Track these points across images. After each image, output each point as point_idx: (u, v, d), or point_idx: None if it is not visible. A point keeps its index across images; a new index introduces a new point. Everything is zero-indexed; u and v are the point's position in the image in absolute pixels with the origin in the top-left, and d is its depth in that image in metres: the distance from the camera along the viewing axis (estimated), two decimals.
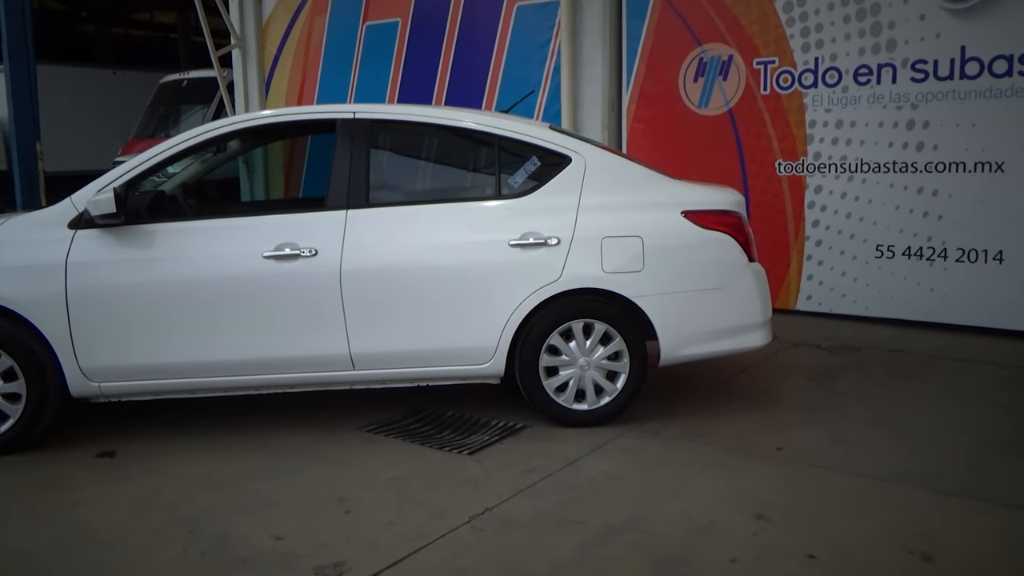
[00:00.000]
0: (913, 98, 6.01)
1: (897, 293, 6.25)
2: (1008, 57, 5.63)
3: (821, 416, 4.32)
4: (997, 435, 4.01)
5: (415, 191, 4.64)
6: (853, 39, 6.19)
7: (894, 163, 6.15)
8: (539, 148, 4.22)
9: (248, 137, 5.10)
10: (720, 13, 6.75)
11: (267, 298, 3.99)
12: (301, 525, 3.21)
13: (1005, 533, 3.03)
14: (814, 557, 2.88)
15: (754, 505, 3.28)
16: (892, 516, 3.17)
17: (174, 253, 4.00)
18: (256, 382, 4.11)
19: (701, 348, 4.21)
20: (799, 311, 6.66)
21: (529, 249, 4.05)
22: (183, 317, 3.97)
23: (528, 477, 3.60)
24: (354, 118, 4.21)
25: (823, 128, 6.41)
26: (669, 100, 7.09)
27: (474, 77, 8.05)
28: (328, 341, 4.02)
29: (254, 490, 3.55)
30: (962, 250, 5.96)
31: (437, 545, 3.02)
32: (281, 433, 4.20)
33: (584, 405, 4.18)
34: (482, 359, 4.10)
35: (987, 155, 5.79)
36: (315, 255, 3.98)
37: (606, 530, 3.11)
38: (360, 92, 8.82)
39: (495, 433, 4.15)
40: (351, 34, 8.84)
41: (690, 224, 4.11)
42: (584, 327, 4.12)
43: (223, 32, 9.81)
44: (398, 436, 4.15)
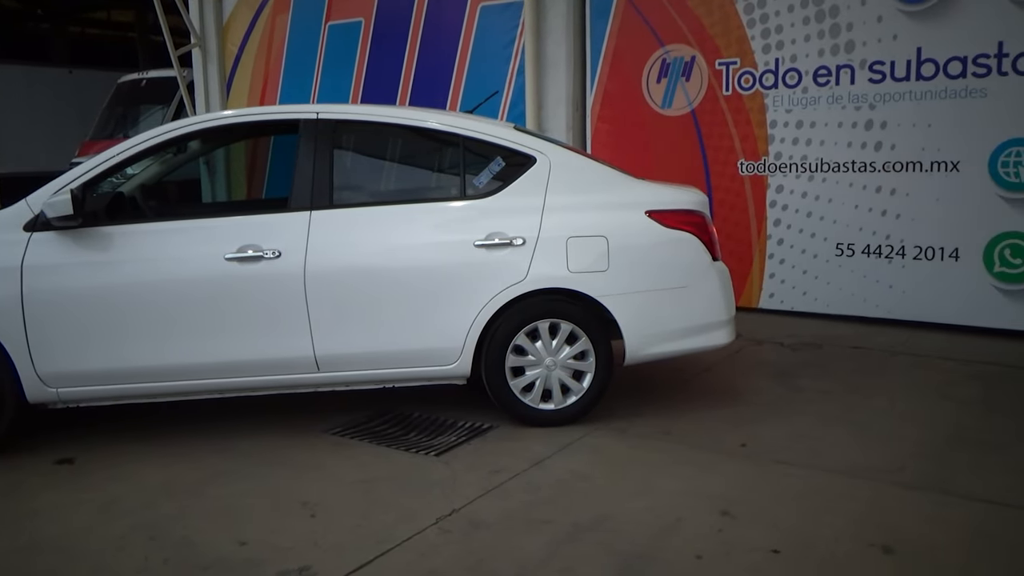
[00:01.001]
0: (871, 99, 6.12)
1: (857, 291, 6.35)
2: (962, 59, 5.75)
3: (784, 413, 4.38)
4: (957, 429, 4.09)
5: (380, 192, 4.61)
6: (812, 40, 6.28)
7: (853, 163, 6.25)
8: (504, 148, 4.22)
9: (209, 138, 5.04)
10: (682, 14, 6.81)
11: (229, 300, 3.94)
12: (265, 530, 3.17)
13: (965, 524, 3.09)
14: (778, 552, 2.91)
15: (719, 501, 3.31)
16: (854, 510, 3.22)
17: (133, 255, 3.94)
18: (219, 386, 4.05)
19: (666, 347, 4.24)
20: (762, 309, 6.74)
21: (494, 249, 4.05)
22: (143, 321, 3.90)
23: (495, 477, 3.59)
24: (317, 118, 4.17)
25: (784, 128, 6.49)
26: (633, 100, 7.13)
27: (438, 77, 8.03)
28: (292, 343, 3.98)
29: (217, 495, 3.50)
30: (919, 248, 6.08)
31: (404, 547, 3.01)
32: (244, 437, 4.15)
33: (550, 405, 4.19)
34: (448, 360, 4.09)
35: (943, 155, 5.91)
36: (278, 257, 3.94)
37: (573, 529, 3.11)
38: (323, 92, 8.75)
39: (462, 434, 4.14)
40: (314, 34, 8.77)
41: (654, 224, 4.14)
42: (550, 327, 4.13)
43: (182, 31, 9.67)
44: (364, 438, 4.12)
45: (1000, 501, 3.27)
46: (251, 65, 9.28)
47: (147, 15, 19.14)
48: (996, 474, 3.53)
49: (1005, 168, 5.69)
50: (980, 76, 5.70)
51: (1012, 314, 5.80)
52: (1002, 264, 5.79)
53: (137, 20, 21.45)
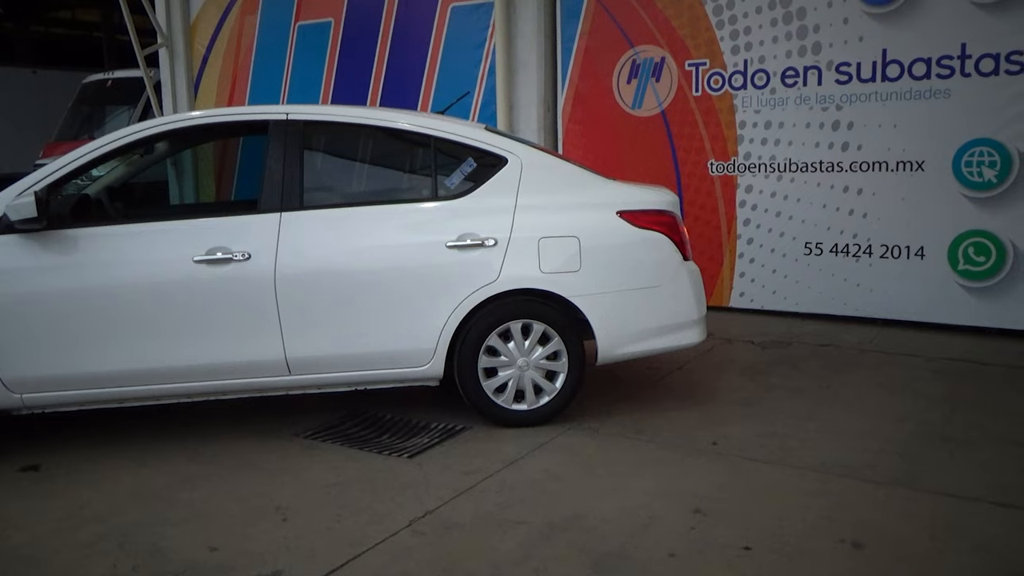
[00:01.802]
0: (838, 99, 6.20)
1: (826, 289, 6.43)
2: (926, 60, 5.84)
3: (755, 410, 4.42)
4: (924, 425, 4.16)
5: (351, 193, 4.58)
6: (780, 42, 6.35)
7: (821, 163, 6.32)
8: (475, 149, 4.22)
9: (177, 139, 4.96)
10: (652, 16, 6.85)
11: (198, 303, 3.90)
12: (236, 535, 3.14)
13: (933, 519, 3.14)
14: (749, 549, 2.94)
15: (691, 500, 3.33)
16: (824, 506, 3.26)
17: (99, 259, 3.88)
18: (188, 390, 4.00)
19: (638, 346, 4.26)
20: (732, 308, 6.80)
21: (467, 250, 4.04)
22: (110, 325, 3.84)
23: (468, 478, 3.59)
24: (287, 119, 4.14)
25: (753, 129, 6.55)
26: (603, 101, 7.16)
27: (409, 78, 8.00)
28: (263, 346, 3.94)
29: (187, 500, 3.46)
30: (886, 246, 6.17)
31: (377, 550, 2.99)
32: (215, 441, 4.11)
33: (523, 405, 4.19)
34: (421, 361, 4.08)
35: (908, 155, 6.00)
36: (248, 259, 3.90)
37: (547, 529, 3.12)
38: (293, 93, 8.69)
39: (435, 435, 4.13)
40: (283, 34, 8.71)
41: (626, 224, 4.16)
42: (522, 327, 4.13)
43: (149, 31, 9.54)
44: (336, 441, 4.10)
45: (966, 495, 3.33)
46: (219, 65, 9.19)
47: (113, 14, 18.90)
48: (962, 469, 3.59)
49: (968, 168, 5.79)
50: (944, 77, 5.79)
51: (976, 311, 5.90)
52: (966, 262, 5.89)
53: (103, 20, 21.16)
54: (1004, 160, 5.67)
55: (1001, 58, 5.59)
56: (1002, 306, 5.81)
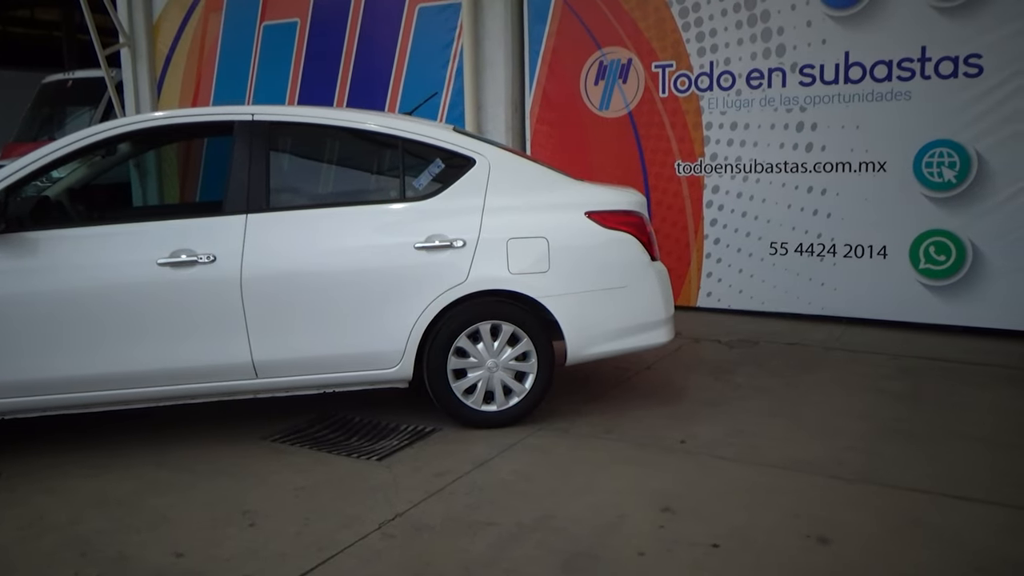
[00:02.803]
0: (802, 101, 6.28)
1: (791, 288, 6.50)
2: (888, 62, 5.94)
3: (723, 409, 4.46)
4: (889, 421, 4.22)
5: (318, 194, 4.55)
6: (745, 44, 6.42)
7: (786, 163, 6.40)
8: (443, 150, 4.21)
9: (140, 140, 4.90)
10: (619, 18, 6.88)
11: (162, 307, 3.84)
12: (203, 540, 3.10)
13: (896, 514, 3.18)
14: (717, 546, 2.96)
15: (660, 498, 3.35)
16: (791, 503, 3.30)
17: (60, 262, 3.81)
18: (153, 394, 3.95)
19: (607, 346, 4.27)
20: (700, 308, 6.85)
21: (435, 252, 4.03)
22: (72, 329, 3.78)
23: (438, 480, 3.58)
24: (253, 120, 4.10)
25: (719, 130, 6.62)
26: (571, 102, 7.19)
27: (376, 79, 7.97)
28: (229, 350, 3.90)
29: (152, 506, 3.40)
30: (850, 246, 6.26)
31: (347, 554, 2.97)
32: (180, 446, 4.06)
33: (493, 406, 4.19)
34: (389, 363, 4.06)
35: (871, 155, 6.10)
36: (213, 261, 3.86)
37: (517, 529, 3.12)
38: (259, 93, 8.61)
39: (404, 438, 4.11)
40: (248, 34, 8.63)
41: (594, 224, 4.17)
42: (492, 328, 4.13)
43: (110, 30, 9.39)
44: (304, 444, 4.06)
45: (930, 490, 3.38)
46: (183, 65, 9.07)
47: (73, 14, 18.56)
48: (925, 464, 3.66)
49: (929, 168, 5.90)
50: (904, 79, 5.90)
51: (937, 309, 6.01)
52: (927, 261, 6.00)
53: (63, 19, 20.76)
54: (963, 161, 5.78)
55: (960, 61, 5.70)
56: (962, 304, 5.92)
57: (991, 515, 3.16)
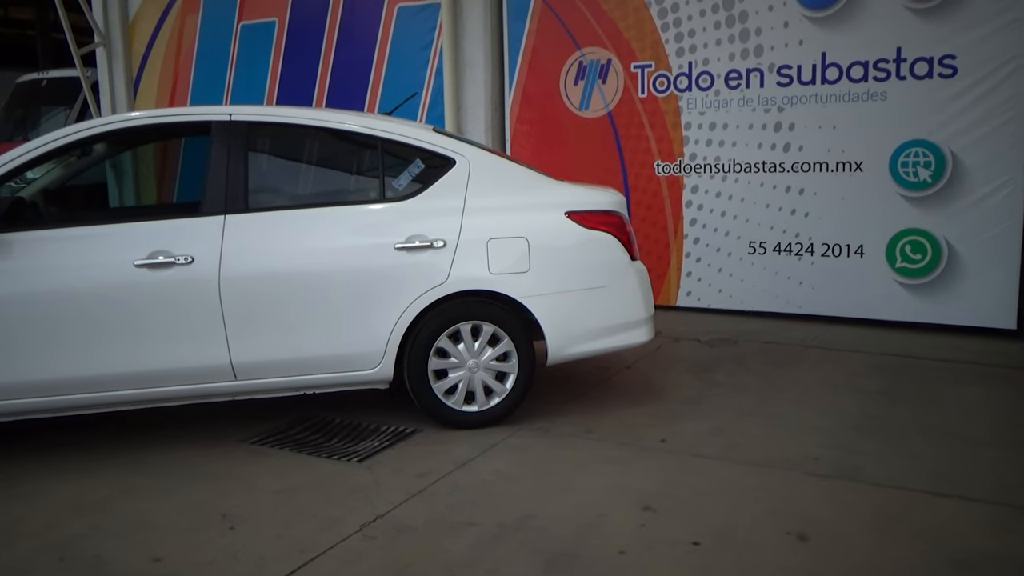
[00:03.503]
0: (780, 101, 6.32)
1: (769, 287, 6.55)
2: (864, 63, 6.00)
3: (702, 407, 4.48)
4: (865, 418, 4.26)
5: (297, 195, 4.52)
6: (724, 45, 6.46)
7: (764, 163, 6.44)
8: (423, 150, 4.20)
9: (116, 140, 4.84)
10: (598, 18, 6.90)
11: (140, 309, 3.81)
12: (182, 544, 3.08)
13: (874, 510, 3.22)
14: (698, 544, 2.98)
15: (641, 497, 3.37)
16: (771, 500, 3.32)
17: (35, 264, 3.76)
18: (131, 397, 3.91)
19: (587, 346, 4.28)
20: (680, 307, 6.89)
21: (415, 252, 4.02)
22: (48, 332, 3.73)
23: (419, 481, 3.57)
24: (230, 120, 4.08)
25: (698, 130, 6.65)
26: (551, 102, 7.20)
27: (356, 79, 7.94)
28: (207, 352, 3.87)
29: (129, 511, 3.37)
30: (827, 245, 6.31)
31: (328, 556, 2.96)
32: (158, 449, 4.02)
33: (474, 407, 4.19)
34: (370, 364, 4.05)
35: (847, 155, 6.16)
36: (191, 262, 3.83)
37: (499, 530, 3.12)
38: (236, 93, 8.55)
39: (385, 439, 4.10)
40: (225, 33, 8.56)
41: (574, 224, 4.18)
42: (472, 329, 4.13)
43: (85, 29, 9.30)
44: (284, 446, 4.04)
45: (905, 486, 3.42)
46: (159, 65, 9.00)
47: (48, 12, 18.34)
48: (901, 460, 3.70)
49: (905, 168, 5.96)
50: (880, 80, 5.96)
51: (913, 307, 6.08)
52: (903, 260, 6.06)
53: (37, 18, 20.51)
54: (938, 160, 5.85)
55: (935, 62, 5.77)
56: (937, 302, 5.99)
57: (968, 511, 3.20)
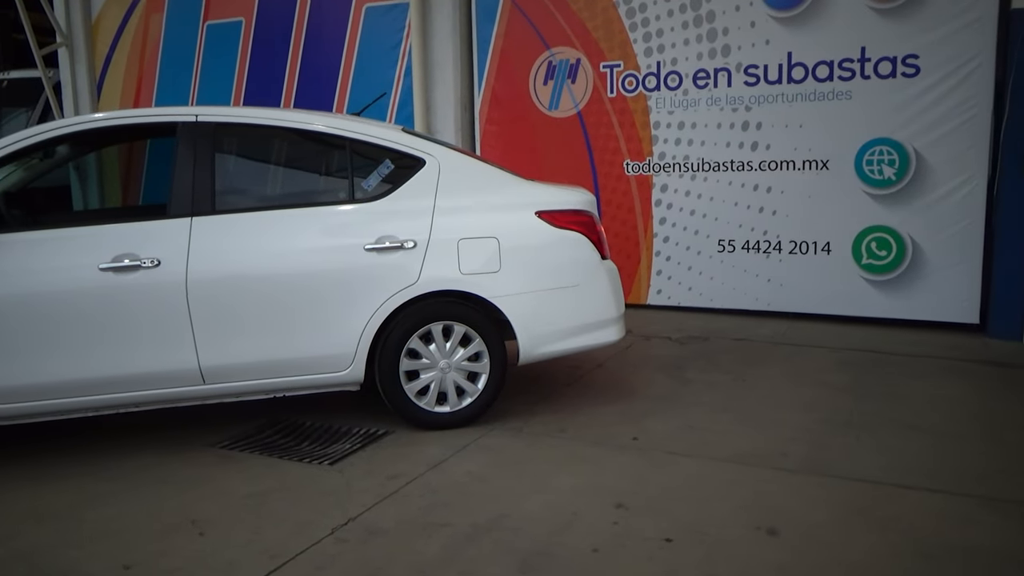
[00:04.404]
0: (747, 101, 6.38)
1: (739, 285, 6.61)
2: (829, 63, 6.07)
3: (674, 405, 4.51)
4: (833, 413, 4.32)
5: (265, 196, 4.48)
6: (691, 44, 6.50)
7: (732, 162, 6.50)
8: (392, 151, 4.18)
9: (80, 141, 4.76)
10: (567, 18, 6.92)
11: (106, 313, 3.75)
12: (151, 552, 3.03)
13: (842, 504, 3.26)
14: (670, 540, 2.99)
15: (614, 495, 3.38)
16: (741, 496, 3.35)
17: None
18: (97, 403, 3.85)
19: (559, 345, 4.29)
20: (650, 305, 6.93)
21: (385, 253, 4.00)
22: (10, 337, 3.66)
23: (392, 483, 3.55)
24: (196, 121, 4.03)
25: (667, 129, 6.69)
26: (520, 102, 7.20)
27: (324, 79, 7.88)
28: (175, 356, 3.82)
29: (95, 518, 3.32)
30: (794, 243, 6.38)
31: (299, 560, 2.93)
32: (125, 455, 3.96)
33: (446, 407, 4.18)
34: (341, 366, 4.02)
35: (813, 154, 6.23)
36: (158, 265, 3.78)
37: (472, 530, 3.11)
38: (203, 94, 8.45)
39: (356, 441, 4.08)
40: (191, 33, 8.46)
41: (544, 224, 4.19)
42: (443, 329, 4.11)
43: (47, 29, 9.14)
44: (254, 450, 4.00)
45: (872, 479, 3.47)
46: (123, 65, 8.87)
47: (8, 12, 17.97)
48: (868, 454, 3.75)
49: (870, 166, 6.05)
50: (845, 79, 6.03)
51: (879, 303, 6.17)
52: (869, 256, 6.15)
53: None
54: (902, 158, 5.94)
55: (898, 61, 5.86)
56: (902, 298, 6.09)
57: (934, 502, 3.25)
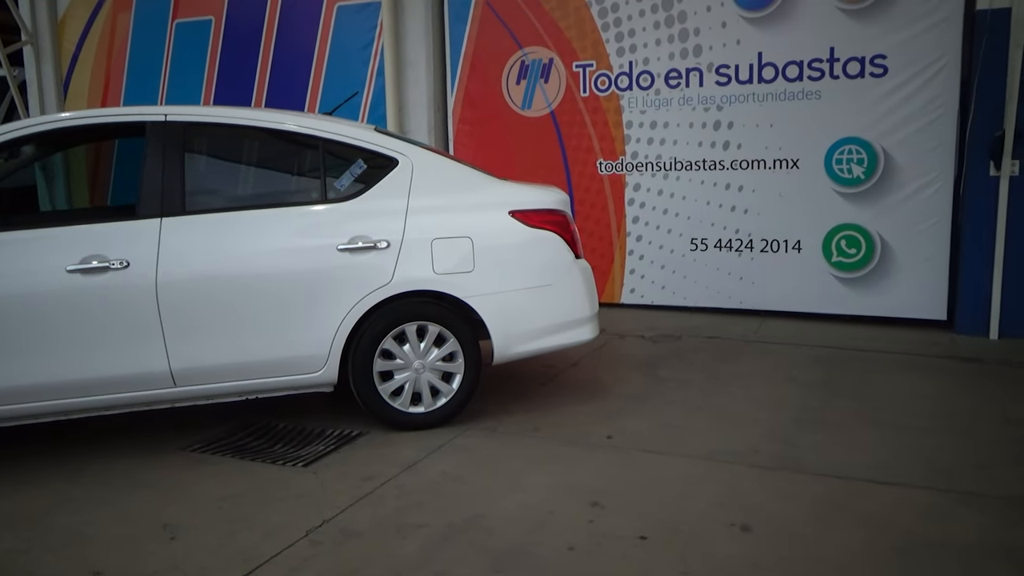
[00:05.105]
0: (718, 100, 6.43)
1: (711, 283, 6.66)
2: (799, 63, 6.13)
3: (648, 403, 4.53)
4: (804, 410, 4.36)
5: (236, 196, 4.43)
6: (663, 44, 6.54)
7: (704, 161, 6.54)
8: (365, 151, 4.16)
9: (46, 141, 4.69)
10: (539, 18, 6.92)
11: (74, 315, 3.69)
12: (122, 557, 2.99)
13: (815, 499, 3.29)
14: (645, 538, 3.01)
15: (589, 493, 3.39)
16: (715, 493, 3.37)
17: None
18: (66, 406, 3.79)
19: (533, 345, 4.29)
20: (624, 304, 6.95)
21: (359, 253, 3.98)
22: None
23: (366, 484, 3.54)
24: (166, 121, 3.98)
25: (639, 128, 6.72)
26: (493, 102, 7.20)
27: (295, 78, 7.83)
28: (145, 358, 3.77)
29: (67, 524, 3.27)
30: (766, 241, 6.44)
31: (273, 563, 2.91)
32: (96, 460, 3.91)
33: (421, 408, 4.17)
34: (314, 367, 4.00)
35: (784, 153, 6.29)
36: (127, 267, 3.73)
37: (447, 530, 3.11)
38: (172, 94, 8.35)
39: (331, 442, 4.05)
40: (159, 32, 8.36)
41: (518, 224, 4.19)
42: (418, 330, 4.10)
43: (12, 27, 8.99)
44: (227, 453, 3.96)
45: (845, 475, 3.51)
46: (91, 64, 8.74)
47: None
48: (839, 450, 3.79)
49: (839, 165, 6.12)
50: (815, 79, 6.10)
51: (849, 300, 6.24)
52: (839, 254, 6.22)
53: None
54: (871, 157, 6.01)
55: (866, 61, 5.93)
56: (872, 295, 6.16)
57: (906, 497, 3.29)
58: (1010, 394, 4.57)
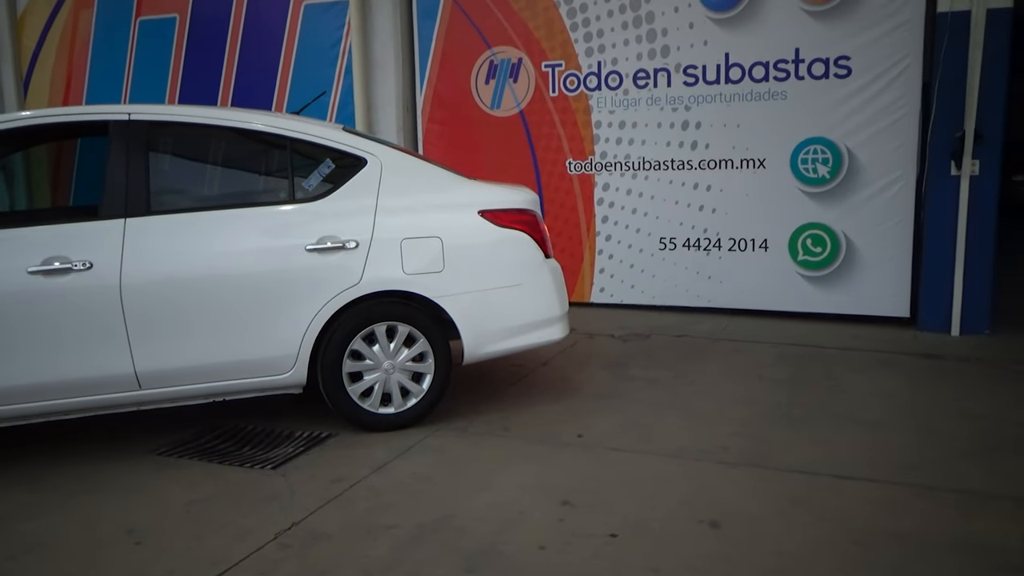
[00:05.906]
0: (686, 100, 6.48)
1: (680, 282, 6.71)
2: (765, 64, 6.20)
3: (617, 402, 4.56)
4: (772, 407, 4.41)
5: (202, 197, 4.38)
6: (631, 45, 6.57)
7: (672, 161, 6.59)
8: (333, 150, 4.14)
9: (6, 141, 4.60)
10: (508, 17, 6.93)
11: (35, 318, 3.63)
12: (85, 563, 2.95)
13: (781, 495, 3.33)
14: (615, 536, 3.02)
15: (559, 492, 3.40)
16: (684, 490, 3.40)
17: None
18: (28, 410, 3.72)
19: (503, 344, 4.29)
20: (594, 303, 6.98)
21: (327, 253, 3.96)
22: None
23: (336, 486, 3.52)
24: (129, 120, 3.92)
25: (608, 128, 6.75)
26: (463, 101, 7.19)
27: (262, 77, 7.75)
28: (109, 360, 3.72)
29: (27, 530, 3.21)
30: (733, 240, 6.50)
31: (241, 567, 2.88)
32: (58, 464, 3.84)
33: (390, 408, 4.15)
34: (282, 369, 3.96)
35: (751, 152, 6.35)
36: (90, 268, 3.67)
37: (418, 531, 3.10)
38: (136, 92, 8.24)
39: (300, 444, 4.02)
40: (123, 29, 8.24)
41: (487, 223, 4.19)
42: (387, 330, 4.09)
43: None
44: (194, 456, 3.92)
45: (810, 471, 3.56)
46: (52, 63, 8.59)
47: None
48: (805, 447, 3.84)
49: (804, 165, 6.20)
50: (780, 80, 6.17)
51: (815, 298, 6.32)
52: (804, 253, 6.30)
53: None
54: (835, 157, 6.09)
55: (831, 62, 6.01)
56: (837, 293, 6.25)
57: (869, 492, 3.35)
58: (968, 390, 4.66)
